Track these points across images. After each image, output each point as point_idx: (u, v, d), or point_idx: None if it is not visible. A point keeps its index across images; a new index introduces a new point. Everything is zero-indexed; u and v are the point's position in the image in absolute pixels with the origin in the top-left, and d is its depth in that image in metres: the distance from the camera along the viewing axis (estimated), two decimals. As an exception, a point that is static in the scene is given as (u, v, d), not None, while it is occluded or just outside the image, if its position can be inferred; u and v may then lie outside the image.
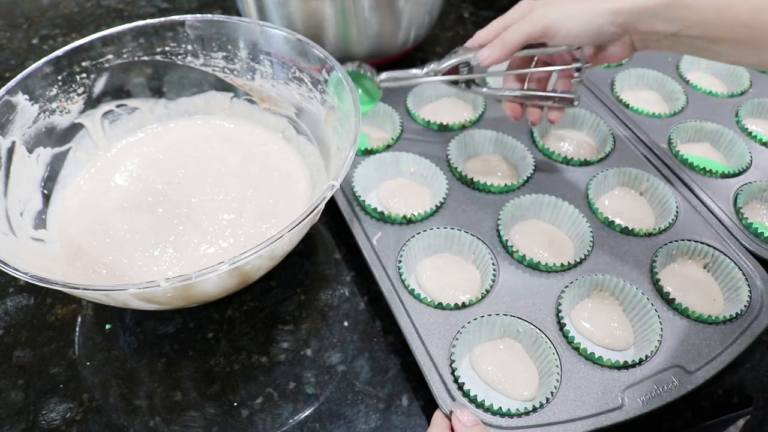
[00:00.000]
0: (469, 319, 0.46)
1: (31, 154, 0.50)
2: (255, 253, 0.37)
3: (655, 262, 0.51)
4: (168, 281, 0.36)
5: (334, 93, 0.51)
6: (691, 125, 0.63)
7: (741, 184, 0.57)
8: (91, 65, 0.54)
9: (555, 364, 0.44)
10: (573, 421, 0.41)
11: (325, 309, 0.51)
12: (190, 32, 0.56)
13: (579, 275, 0.50)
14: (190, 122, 0.60)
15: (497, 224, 0.53)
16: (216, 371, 0.47)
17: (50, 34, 0.82)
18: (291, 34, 0.53)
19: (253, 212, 0.52)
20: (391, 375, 0.47)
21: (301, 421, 0.44)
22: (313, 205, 0.40)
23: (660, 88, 0.69)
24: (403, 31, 0.67)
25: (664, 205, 0.56)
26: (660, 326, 0.46)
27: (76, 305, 0.51)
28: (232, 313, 0.50)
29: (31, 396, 0.45)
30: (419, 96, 0.66)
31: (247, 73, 0.57)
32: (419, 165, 0.58)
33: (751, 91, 0.69)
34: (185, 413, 0.44)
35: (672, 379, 0.43)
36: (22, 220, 0.48)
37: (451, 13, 0.85)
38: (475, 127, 0.63)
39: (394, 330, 0.48)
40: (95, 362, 0.47)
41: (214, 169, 0.55)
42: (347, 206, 0.55)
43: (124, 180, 0.55)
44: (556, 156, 0.60)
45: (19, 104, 0.49)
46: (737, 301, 0.49)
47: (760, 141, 0.62)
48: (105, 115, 0.56)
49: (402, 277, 0.49)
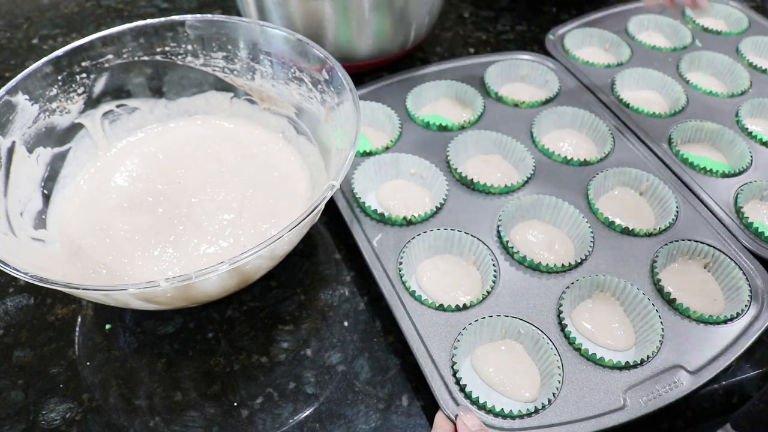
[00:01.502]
0: (470, 320, 0.46)
1: (31, 154, 0.50)
2: (255, 253, 0.37)
3: (656, 262, 0.51)
4: (168, 281, 0.35)
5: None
6: (691, 125, 0.63)
7: (741, 184, 0.57)
8: (91, 65, 0.54)
9: (556, 365, 0.44)
10: (575, 422, 0.41)
11: (325, 309, 0.51)
12: (190, 32, 0.56)
13: (580, 276, 0.50)
14: (190, 122, 0.60)
15: (497, 225, 0.53)
16: (216, 371, 0.47)
17: (50, 34, 0.82)
18: (291, 34, 0.53)
19: (253, 212, 0.52)
20: (391, 375, 0.47)
21: (301, 421, 0.44)
22: (313, 206, 0.40)
23: (660, 88, 0.69)
24: (403, 31, 0.67)
25: (664, 205, 0.56)
26: (661, 326, 0.46)
27: (76, 305, 0.51)
28: (232, 313, 0.50)
29: (31, 396, 0.45)
30: (419, 97, 0.66)
31: (247, 73, 0.57)
32: (419, 166, 0.58)
33: (751, 91, 0.69)
34: (185, 413, 0.44)
35: (673, 380, 0.43)
36: (22, 220, 0.47)
37: (451, 13, 0.86)
38: (474, 127, 0.63)
39: (395, 330, 0.48)
40: (95, 362, 0.47)
41: (214, 169, 0.55)
42: (347, 208, 0.55)
43: (124, 180, 0.55)
44: (556, 156, 0.60)
45: (19, 104, 0.49)
46: (737, 301, 0.49)
47: (760, 141, 0.62)
48: (105, 115, 0.56)
49: (403, 279, 0.49)
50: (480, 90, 0.67)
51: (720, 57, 0.72)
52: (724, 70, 0.71)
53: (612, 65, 0.72)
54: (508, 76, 0.70)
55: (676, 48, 0.75)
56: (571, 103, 0.66)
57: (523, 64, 0.71)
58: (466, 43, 0.80)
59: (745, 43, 0.75)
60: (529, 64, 0.71)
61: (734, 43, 0.75)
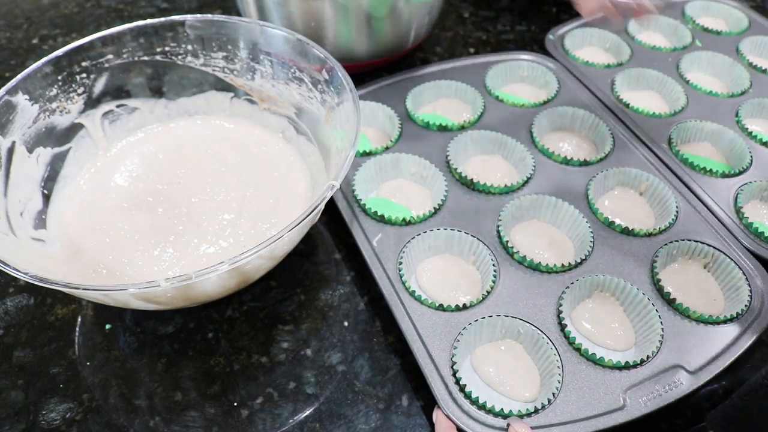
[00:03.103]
0: (470, 320, 0.46)
1: (31, 154, 0.50)
2: (255, 253, 0.37)
3: (656, 262, 0.51)
4: (168, 281, 0.35)
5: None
6: (691, 125, 0.63)
7: (741, 184, 0.57)
8: (91, 65, 0.54)
9: (556, 365, 0.44)
10: (575, 422, 0.41)
11: (325, 309, 0.51)
12: (190, 32, 0.56)
13: (579, 276, 0.50)
14: (190, 122, 0.60)
15: (497, 225, 0.53)
16: (216, 371, 0.47)
17: (50, 34, 0.82)
18: (291, 34, 0.53)
19: (253, 212, 0.52)
20: (391, 375, 0.47)
21: (301, 421, 0.44)
22: (313, 205, 0.40)
23: (660, 88, 0.69)
24: (403, 31, 0.67)
25: (664, 205, 0.56)
26: (661, 326, 0.46)
27: (76, 305, 0.51)
28: (232, 313, 0.50)
29: (31, 396, 0.45)
30: (419, 97, 0.66)
31: (247, 73, 0.57)
32: (419, 166, 0.58)
33: (751, 91, 0.69)
34: (185, 413, 0.44)
35: (673, 380, 0.43)
36: (22, 220, 0.47)
37: (451, 13, 0.86)
38: (474, 127, 0.63)
39: (395, 330, 0.48)
40: (95, 362, 0.47)
41: (214, 169, 0.55)
42: (347, 208, 0.55)
43: (124, 180, 0.55)
44: (556, 156, 0.60)
45: (19, 104, 0.49)
46: (737, 301, 0.49)
47: (760, 141, 0.62)
48: (105, 115, 0.56)
49: (402, 279, 0.49)
50: (480, 90, 0.67)
51: (720, 57, 0.72)
52: (724, 70, 0.71)
53: (612, 65, 0.72)
54: (508, 76, 0.70)
55: (676, 48, 0.75)
56: (571, 104, 0.66)
57: (523, 65, 0.71)
58: (466, 43, 0.80)
59: (745, 43, 0.75)
60: (529, 65, 0.71)
61: (734, 43, 0.75)
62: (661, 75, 0.69)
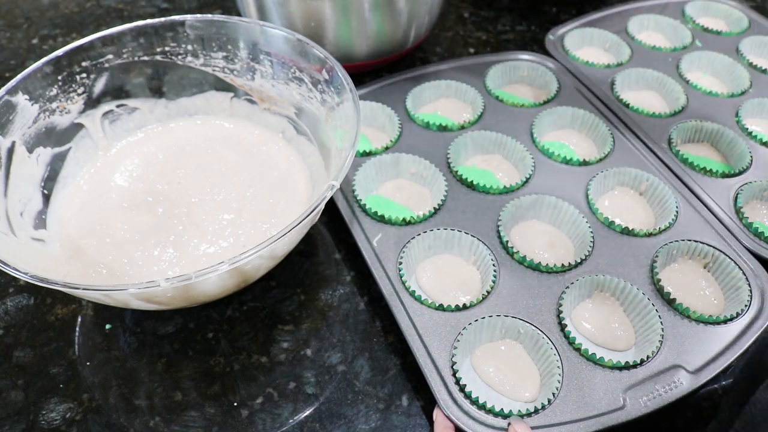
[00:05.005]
0: (470, 320, 0.46)
1: (31, 154, 0.50)
2: (255, 253, 0.37)
3: (656, 262, 0.51)
4: (168, 281, 0.35)
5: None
6: (691, 125, 0.63)
7: (741, 184, 0.57)
8: (91, 65, 0.54)
9: (556, 365, 0.44)
10: (575, 422, 0.41)
11: (325, 309, 0.51)
12: (190, 32, 0.56)
13: (579, 276, 0.50)
14: (190, 122, 0.60)
15: (497, 225, 0.53)
16: (216, 371, 0.47)
17: (50, 34, 0.82)
18: (291, 34, 0.53)
19: (253, 212, 0.52)
20: (391, 375, 0.47)
21: (301, 421, 0.44)
22: (313, 206, 0.40)
23: (660, 88, 0.69)
24: (403, 31, 0.67)
25: (664, 205, 0.56)
26: (661, 326, 0.46)
27: (76, 305, 0.51)
28: (232, 313, 0.50)
29: (31, 396, 0.45)
30: (418, 97, 0.66)
31: (247, 73, 0.57)
32: (419, 166, 0.58)
33: (751, 91, 0.69)
34: (185, 413, 0.44)
35: (673, 380, 0.43)
36: (22, 220, 0.47)
37: (451, 13, 0.86)
38: (474, 127, 0.63)
39: (395, 330, 0.48)
40: (95, 362, 0.47)
41: (214, 169, 0.55)
42: (347, 208, 0.55)
43: (124, 180, 0.55)
44: (556, 156, 0.60)
45: (19, 104, 0.49)
46: (737, 301, 0.49)
47: (761, 141, 0.62)
48: (105, 115, 0.56)
49: (402, 279, 0.49)
50: (480, 90, 0.67)
51: (720, 57, 0.72)
52: (724, 70, 0.71)
53: (612, 65, 0.72)
54: (508, 76, 0.70)
55: (676, 48, 0.75)
56: (571, 103, 0.66)
57: (523, 65, 0.71)
58: (466, 43, 0.80)
59: (745, 43, 0.75)
60: (529, 65, 0.71)
61: (734, 43, 0.75)
62: (661, 75, 0.69)
